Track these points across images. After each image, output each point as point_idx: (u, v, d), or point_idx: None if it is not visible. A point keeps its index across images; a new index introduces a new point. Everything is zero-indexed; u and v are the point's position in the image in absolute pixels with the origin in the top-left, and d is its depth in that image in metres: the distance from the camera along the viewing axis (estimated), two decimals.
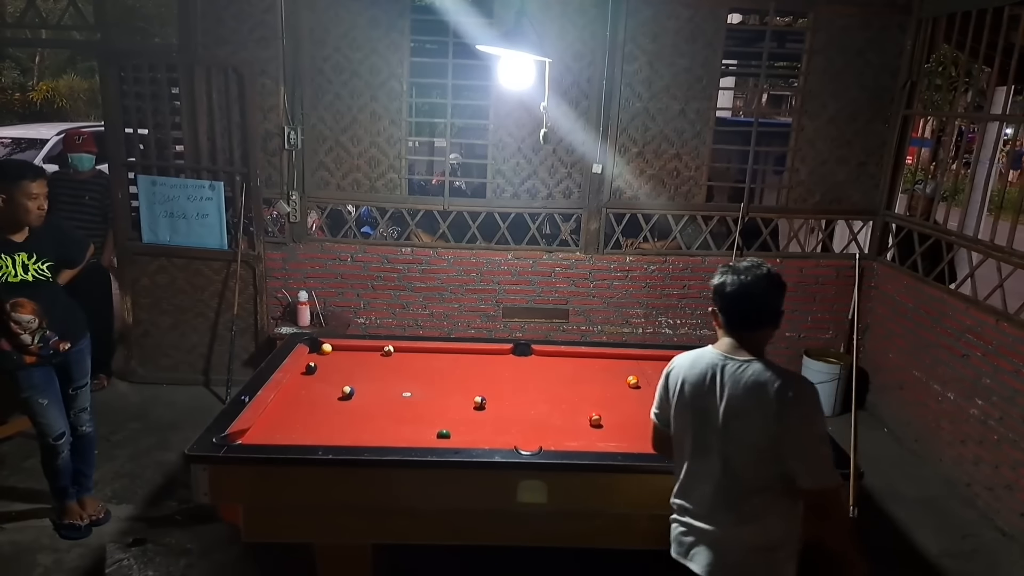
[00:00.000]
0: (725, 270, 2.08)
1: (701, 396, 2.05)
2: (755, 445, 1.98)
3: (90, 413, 3.54)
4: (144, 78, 4.80)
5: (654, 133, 5.13)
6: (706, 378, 2.05)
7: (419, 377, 3.44)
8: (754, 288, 2.01)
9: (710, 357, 2.07)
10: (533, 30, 3.83)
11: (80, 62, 19.47)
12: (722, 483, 2.03)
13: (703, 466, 2.07)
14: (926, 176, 7.28)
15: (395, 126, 5.05)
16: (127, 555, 3.32)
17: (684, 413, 2.11)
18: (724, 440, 2.01)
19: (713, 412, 2.02)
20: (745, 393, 1.97)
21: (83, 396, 3.49)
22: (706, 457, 2.06)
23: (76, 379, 3.44)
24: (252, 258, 5.06)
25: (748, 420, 1.97)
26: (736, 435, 1.99)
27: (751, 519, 2.03)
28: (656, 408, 2.27)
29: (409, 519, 2.68)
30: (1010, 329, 3.91)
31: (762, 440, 1.96)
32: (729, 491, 2.03)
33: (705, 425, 2.05)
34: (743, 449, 1.99)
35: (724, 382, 2.01)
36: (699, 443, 2.08)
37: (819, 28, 4.97)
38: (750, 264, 2.05)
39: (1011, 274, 4.07)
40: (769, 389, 1.94)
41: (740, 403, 1.98)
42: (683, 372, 2.12)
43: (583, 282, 5.37)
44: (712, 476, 2.05)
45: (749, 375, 1.98)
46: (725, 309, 2.07)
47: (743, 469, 2.01)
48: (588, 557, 3.26)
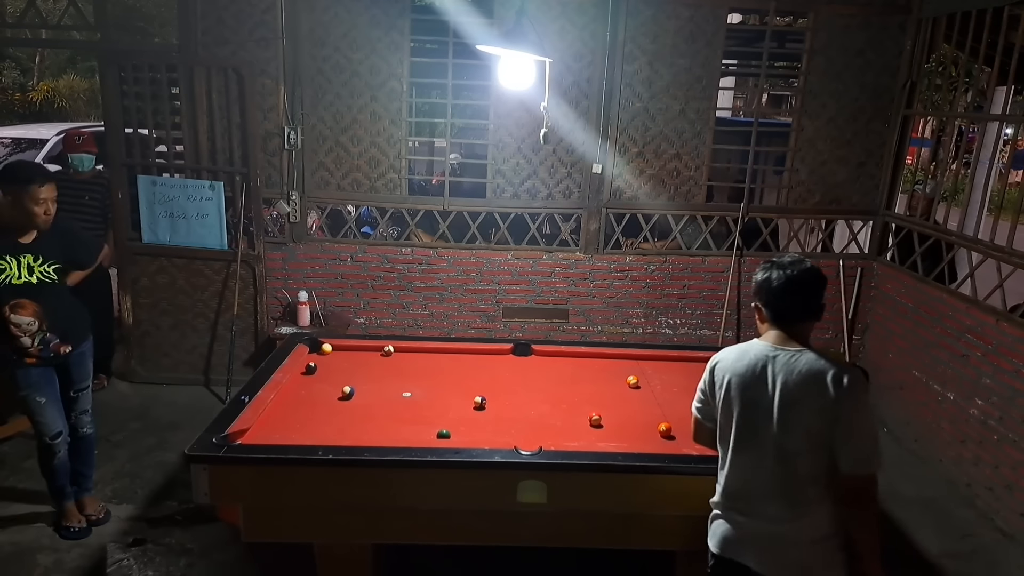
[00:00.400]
0: (769, 266, 2.12)
1: (751, 388, 2.07)
2: (811, 433, 2.00)
3: (91, 415, 3.53)
4: (144, 78, 4.80)
5: (654, 133, 5.13)
6: (756, 370, 2.07)
7: (419, 377, 3.44)
8: (799, 281, 2.06)
9: (758, 349, 2.10)
10: (533, 30, 3.83)
11: (80, 62, 19.47)
12: (777, 475, 2.05)
13: (754, 460, 2.08)
14: (926, 176, 7.28)
15: (395, 126, 5.05)
16: (127, 555, 3.32)
17: (732, 407, 2.11)
18: (779, 431, 2.03)
19: (765, 404, 2.04)
20: (801, 382, 2.01)
21: (84, 398, 3.48)
22: (757, 450, 2.07)
23: (77, 382, 3.43)
24: (252, 258, 5.06)
25: (804, 408, 2.00)
26: (792, 425, 2.01)
27: (808, 510, 2.05)
28: (698, 403, 2.28)
29: (409, 519, 2.68)
30: (1010, 329, 3.91)
31: (818, 427, 1.99)
32: (785, 483, 2.04)
33: (756, 418, 2.06)
34: (799, 438, 2.01)
35: (776, 373, 2.04)
36: (749, 436, 2.09)
37: (819, 28, 4.97)
38: (793, 259, 2.11)
39: (1011, 274, 4.07)
40: (825, 376, 1.99)
41: (796, 392, 2.01)
42: (729, 366, 2.13)
43: (583, 282, 5.37)
44: (765, 469, 2.06)
45: (803, 364, 2.03)
46: (771, 303, 2.11)
47: (798, 459, 2.03)
48: (588, 557, 3.26)
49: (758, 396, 2.06)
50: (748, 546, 2.12)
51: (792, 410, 2.01)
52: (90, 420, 3.52)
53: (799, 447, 2.02)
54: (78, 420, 3.47)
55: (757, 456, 2.08)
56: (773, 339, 2.11)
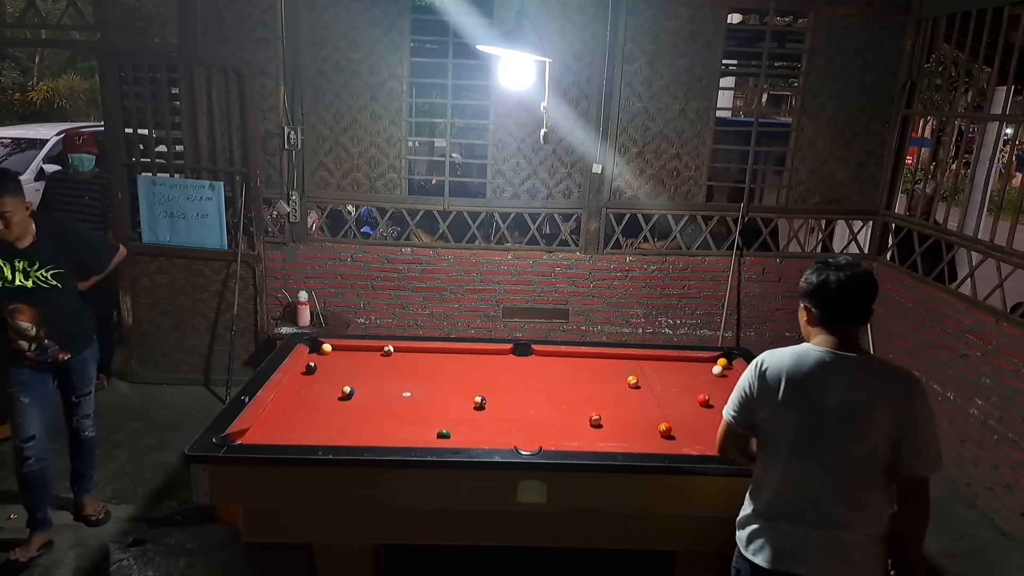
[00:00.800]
0: (822, 267, 2.04)
1: (812, 394, 1.99)
2: (882, 438, 1.96)
3: (92, 419, 3.51)
4: (144, 78, 4.80)
5: (654, 133, 5.13)
6: (817, 376, 1.99)
7: (419, 377, 3.44)
8: (858, 284, 2.01)
9: (816, 354, 2.02)
10: (533, 30, 3.83)
11: (80, 62, 19.47)
12: (839, 481, 1.99)
13: (816, 467, 2.00)
14: (926, 176, 7.28)
15: (395, 126, 5.05)
16: (127, 555, 3.32)
17: (787, 414, 2.02)
18: (847, 437, 1.97)
19: (828, 409, 1.97)
20: (870, 387, 1.97)
21: (86, 404, 3.45)
22: (816, 457, 2.00)
23: (78, 388, 3.39)
24: (252, 258, 5.06)
25: (878, 414, 1.95)
26: (862, 430, 1.96)
27: (870, 514, 2.02)
28: (735, 411, 2.14)
29: (409, 519, 2.68)
30: (1010, 329, 3.91)
31: (890, 432, 1.95)
32: (848, 489, 1.99)
33: (817, 423, 1.98)
34: (868, 444, 1.97)
35: (840, 378, 1.98)
36: (810, 444, 2.00)
37: (819, 28, 4.97)
38: (846, 261, 2.05)
39: (1011, 274, 4.07)
40: (896, 382, 1.98)
41: (865, 398, 1.96)
42: (784, 371, 2.02)
43: (583, 282, 5.37)
44: (826, 475, 1.99)
45: (872, 371, 2.00)
46: (827, 305, 2.03)
47: (863, 464, 1.98)
48: (588, 557, 3.26)
49: (822, 403, 1.98)
50: (808, 555, 2.02)
51: (864, 416, 1.96)
52: (92, 424, 3.50)
53: (867, 452, 1.97)
54: (79, 424, 3.45)
55: (819, 463, 2.00)
56: (828, 343, 2.03)
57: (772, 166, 6.93)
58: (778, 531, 2.06)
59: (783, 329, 5.48)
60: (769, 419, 2.06)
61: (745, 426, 2.13)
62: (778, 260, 5.41)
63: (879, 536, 2.04)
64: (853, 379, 1.98)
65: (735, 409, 2.14)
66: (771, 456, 2.08)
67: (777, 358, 2.07)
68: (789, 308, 5.46)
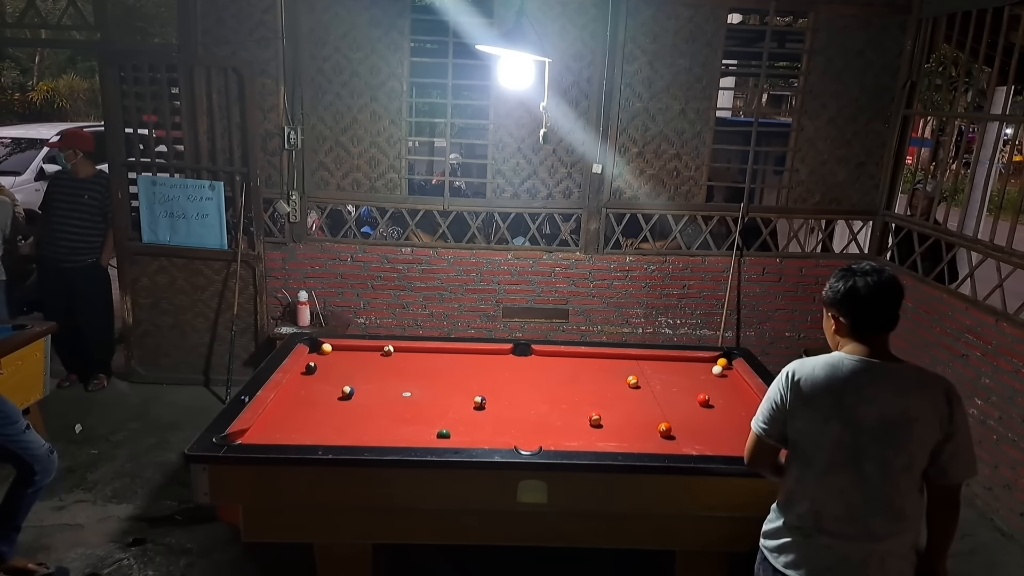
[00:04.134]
0: (848, 275, 2.00)
1: (850, 406, 1.93)
2: (923, 446, 1.93)
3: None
4: (144, 78, 4.80)
5: (654, 133, 5.13)
6: (853, 386, 1.93)
7: (419, 377, 3.44)
8: (887, 289, 1.97)
9: (851, 363, 1.96)
10: (533, 30, 3.83)
11: (80, 62, 19.49)
12: (880, 492, 1.94)
13: (851, 478, 1.95)
14: (926, 176, 7.28)
15: (395, 126, 5.05)
16: (127, 555, 3.32)
17: (825, 425, 1.95)
18: (887, 447, 1.92)
19: (868, 420, 1.92)
20: (910, 396, 1.93)
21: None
22: (855, 469, 1.94)
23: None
24: (252, 258, 5.06)
25: (917, 423, 1.91)
26: (904, 440, 1.92)
27: (908, 523, 1.98)
28: (766, 422, 2.06)
29: (409, 519, 2.68)
30: (1009, 329, 3.91)
31: (931, 440, 1.92)
32: (889, 499, 1.95)
33: (857, 435, 1.93)
34: (909, 453, 1.93)
35: (875, 387, 1.93)
36: (846, 455, 1.94)
37: (819, 28, 4.97)
38: (870, 267, 2.00)
39: (1011, 274, 4.07)
40: (937, 389, 1.94)
41: (907, 407, 1.92)
42: (818, 382, 1.96)
43: (583, 282, 5.37)
44: (867, 487, 1.94)
45: (907, 381, 1.95)
46: (857, 312, 1.98)
47: (903, 473, 1.94)
48: (588, 557, 3.26)
49: (861, 414, 1.92)
50: (846, 569, 1.98)
51: (906, 426, 1.91)
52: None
53: (907, 461, 1.93)
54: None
55: (860, 475, 1.94)
56: (862, 352, 1.98)
57: (772, 166, 6.93)
58: (815, 545, 1.99)
59: (783, 329, 5.49)
60: (804, 431, 1.99)
61: (776, 438, 2.06)
62: (778, 260, 5.41)
63: (914, 544, 2.03)
64: (892, 388, 1.93)
65: (765, 421, 2.06)
66: (805, 468, 2.01)
67: (809, 368, 1.99)
68: (789, 308, 5.46)
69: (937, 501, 2.01)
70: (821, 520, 1.98)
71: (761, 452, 2.12)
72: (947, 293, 4.51)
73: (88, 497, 3.77)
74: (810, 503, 2.00)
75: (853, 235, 5.43)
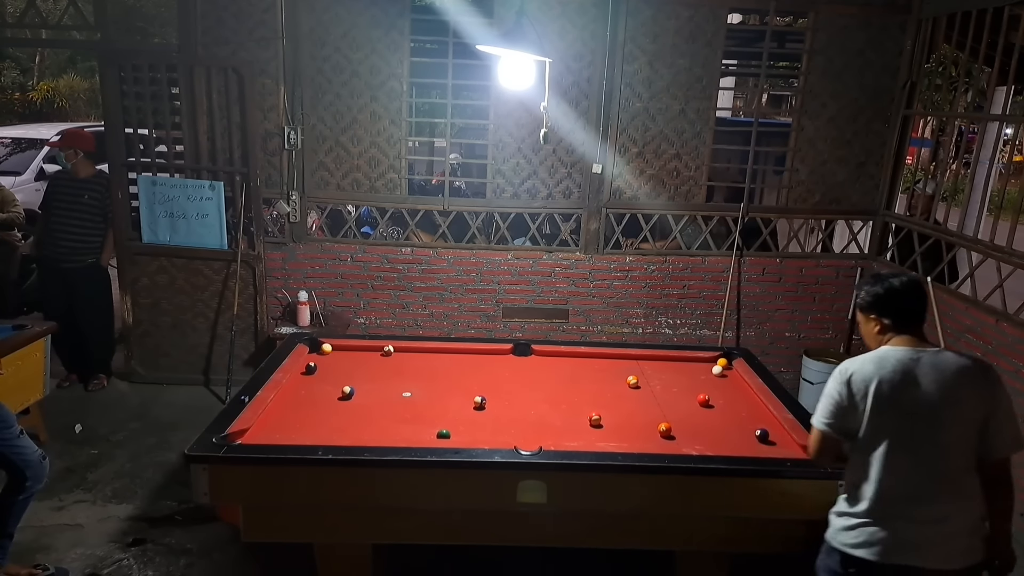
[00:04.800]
0: (880, 279, 2.22)
1: (906, 393, 2.09)
2: (974, 425, 2.09)
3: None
4: (144, 78, 4.80)
5: (654, 133, 5.13)
6: (906, 375, 2.09)
7: (419, 377, 3.44)
8: (917, 285, 2.23)
9: (900, 355, 2.12)
10: (533, 30, 3.83)
11: (80, 62, 19.49)
12: (938, 472, 2.09)
13: (913, 461, 2.10)
14: (926, 176, 7.28)
15: (395, 126, 5.05)
16: (127, 555, 3.32)
17: (883, 415, 2.10)
18: (942, 429, 2.08)
19: (924, 404, 2.08)
20: (958, 379, 2.09)
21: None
22: (916, 452, 2.10)
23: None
24: (252, 258, 5.06)
25: (970, 403, 2.08)
26: (956, 420, 2.08)
27: (968, 499, 2.12)
28: (830, 418, 2.17)
29: (409, 519, 2.68)
30: (1010, 329, 3.91)
31: (980, 418, 2.09)
32: (947, 478, 2.10)
33: (915, 419, 2.08)
34: (962, 432, 2.09)
35: (923, 374, 2.09)
36: (906, 440, 2.10)
37: (819, 28, 4.97)
38: (894, 271, 2.22)
39: (1011, 274, 4.07)
40: (980, 371, 2.12)
41: (957, 389, 2.08)
42: (874, 375, 2.11)
43: (583, 282, 5.37)
44: (927, 468, 2.09)
45: (952, 363, 2.11)
46: (899, 309, 2.18)
47: (957, 452, 2.10)
48: (588, 557, 3.26)
49: (915, 400, 2.08)
50: (920, 546, 2.10)
51: (956, 407, 2.08)
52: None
53: (960, 440, 2.09)
54: None
55: (920, 458, 2.09)
56: (908, 343, 2.15)
57: (772, 166, 6.93)
58: (887, 527, 2.11)
59: (783, 329, 5.49)
60: (864, 423, 2.12)
61: (842, 432, 2.18)
62: (778, 260, 5.41)
63: (978, 521, 2.15)
64: (938, 374, 2.09)
65: (829, 417, 2.18)
66: (868, 457, 2.14)
67: (860, 365, 2.15)
68: (789, 308, 5.46)
69: (989, 479, 2.14)
70: (888, 504, 2.11)
71: (826, 447, 2.23)
72: (947, 293, 4.51)
73: (88, 497, 3.77)
74: (876, 489, 2.12)
75: (853, 235, 5.43)
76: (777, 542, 2.69)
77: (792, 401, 3.21)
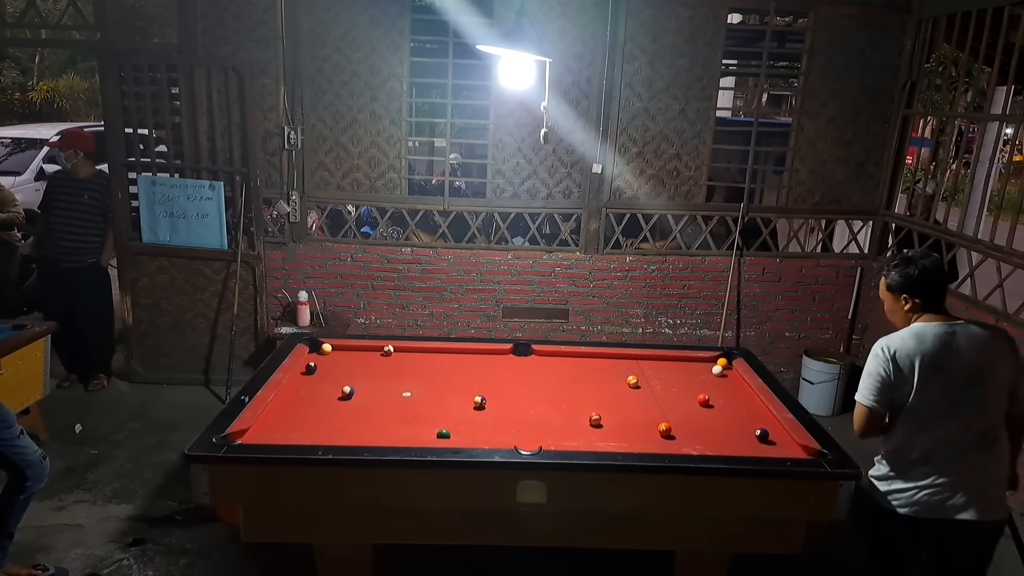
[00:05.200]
0: (907, 262, 2.41)
1: (945, 364, 2.32)
2: (1005, 386, 2.38)
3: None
4: (144, 78, 4.80)
5: (654, 133, 5.13)
6: (944, 348, 2.33)
7: (419, 377, 3.44)
8: (941, 264, 2.44)
9: (935, 329, 2.36)
10: (533, 30, 3.83)
11: (80, 62, 19.49)
12: (978, 431, 2.35)
13: (956, 424, 2.34)
14: (926, 176, 7.28)
15: (395, 126, 5.05)
16: (127, 555, 3.32)
17: (928, 385, 2.32)
18: (980, 392, 2.34)
19: (961, 372, 2.32)
20: (986, 347, 2.35)
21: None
22: (959, 416, 2.34)
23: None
24: (252, 258, 5.06)
25: (1000, 367, 2.36)
26: (990, 383, 2.35)
27: (999, 452, 2.40)
28: (876, 396, 2.38)
29: (409, 519, 2.68)
30: (1010, 329, 3.89)
31: (1009, 379, 2.38)
32: (985, 436, 2.36)
33: (954, 388, 2.33)
34: (995, 393, 2.36)
35: (960, 344, 2.34)
36: (949, 406, 2.34)
37: (819, 28, 4.97)
38: (923, 252, 2.47)
39: (1011, 274, 4.07)
40: (1003, 340, 2.40)
41: (987, 356, 2.35)
42: (917, 350, 2.33)
43: (583, 282, 5.37)
44: (968, 429, 2.34)
45: (979, 334, 2.37)
46: (930, 288, 2.40)
47: (994, 412, 2.38)
48: (588, 557, 3.26)
49: (953, 368, 2.32)
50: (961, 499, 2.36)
51: (989, 372, 2.34)
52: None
53: (993, 400, 2.36)
54: None
55: (962, 420, 2.34)
56: (939, 319, 2.39)
57: (772, 166, 6.93)
58: (934, 485, 2.37)
59: (783, 329, 5.49)
60: (910, 394, 2.35)
61: (886, 405, 2.39)
62: (778, 260, 5.41)
63: (1005, 473, 2.44)
64: (971, 344, 2.34)
65: (875, 394, 2.38)
66: (912, 423, 2.38)
67: (901, 341, 2.36)
68: (789, 308, 5.46)
69: (1015, 428, 2.44)
70: (932, 463, 2.37)
71: (874, 421, 2.42)
72: (947, 293, 4.50)
73: (88, 497, 3.77)
74: (921, 451, 2.37)
75: (853, 235, 5.43)
76: (777, 542, 2.69)
77: (792, 401, 3.21)
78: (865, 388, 2.40)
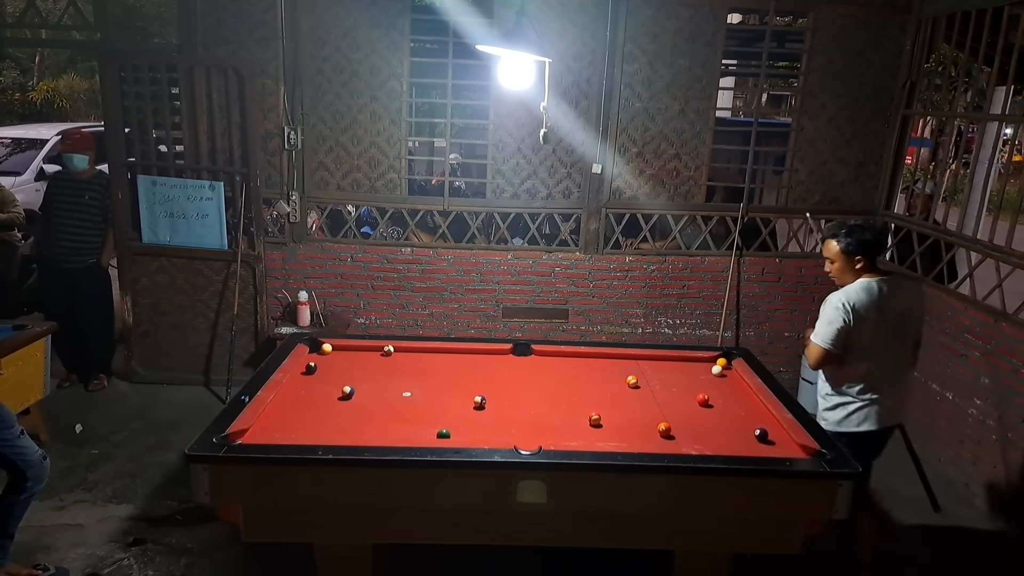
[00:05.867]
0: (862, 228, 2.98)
1: (882, 310, 2.96)
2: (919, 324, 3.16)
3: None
4: (144, 78, 4.80)
5: (654, 133, 5.13)
6: (883, 297, 2.96)
7: (419, 377, 3.44)
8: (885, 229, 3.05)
9: (874, 284, 2.98)
10: (533, 30, 3.83)
11: (80, 62, 19.49)
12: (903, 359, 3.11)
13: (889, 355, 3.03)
14: (925, 176, 7.29)
15: (395, 126, 5.05)
16: (127, 555, 3.32)
17: (872, 327, 2.96)
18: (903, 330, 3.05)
19: (892, 317, 2.98)
20: (907, 297, 3.05)
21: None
22: (890, 349, 3.02)
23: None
24: (252, 258, 5.06)
25: (912, 314, 3.09)
26: (913, 322, 3.11)
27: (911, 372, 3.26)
28: (833, 340, 2.96)
29: (409, 519, 2.68)
30: (1009, 329, 3.91)
31: (918, 320, 3.14)
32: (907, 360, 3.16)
33: (889, 327, 2.98)
34: (915, 329, 3.14)
35: (896, 295, 2.99)
36: (885, 341, 2.99)
37: (819, 28, 4.97)
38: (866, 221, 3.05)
39: (1010, 274, 4.07)
40: (917, 290, 3.18)
41: (907, 305, 3.04)
42: (864, 300, 2.95)
43: (583, 282, 5.37)
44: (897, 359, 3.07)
45: (906, 285, 3.10)
46: (877, 249, 3.04)
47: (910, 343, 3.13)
48: (588, 557, 3.26)
49: (890, 314, 2.97)
50: (900, 412, 3.17)
51: (910, 314, 3.08)
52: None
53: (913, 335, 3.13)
54: None
55: (893, 352, 3.04)
56: (875, 275, 3.00)
57: (772, 166, 6.93)
58: (882, 403, 3.04)
59: (782, 329, 5.49)
60: (860, 334, 2.96)
61: (840, 349, 2.98)
62: (777, 260, 5.41)
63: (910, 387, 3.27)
64: (900, 293, 3.01)
65: (833, 339, 2.97)
66: (858, 357, 3.00)
67: (855, 294, 2.96)
68: (788, 308, 5.46)
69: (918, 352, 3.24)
70: (875, 388, 3.03)
71: (828, 360, 3.03)
72: (946, 293, 4.51)
73: (88, 497, 3.78)
74: (864, 378, 3.03)
75: None
76: (776, 542, 2.69)
77: (791, 401, 3.21)
78: (826, 334, 2.98)
